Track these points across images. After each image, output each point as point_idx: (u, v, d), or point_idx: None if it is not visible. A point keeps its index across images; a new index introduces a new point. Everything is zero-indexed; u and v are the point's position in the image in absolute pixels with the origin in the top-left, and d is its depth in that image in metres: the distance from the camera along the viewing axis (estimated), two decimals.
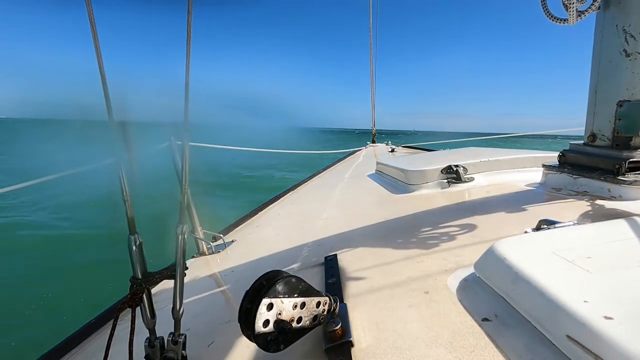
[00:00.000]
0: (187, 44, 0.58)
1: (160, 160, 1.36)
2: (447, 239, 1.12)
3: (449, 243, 1.08)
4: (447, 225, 1.23)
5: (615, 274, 0.62)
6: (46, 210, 6.57)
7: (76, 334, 1.06)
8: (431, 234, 1.18)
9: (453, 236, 1.13)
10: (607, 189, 1.32)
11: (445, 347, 0.61)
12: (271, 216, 2.10)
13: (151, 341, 0.62)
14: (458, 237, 1.12)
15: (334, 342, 0.65)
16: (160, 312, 0.65)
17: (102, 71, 0.53)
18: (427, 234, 1.19)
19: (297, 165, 12.16)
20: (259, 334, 0.53)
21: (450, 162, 1.94)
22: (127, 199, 0.60)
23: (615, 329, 0.47)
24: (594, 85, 1.43)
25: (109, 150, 0.58)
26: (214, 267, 1.43)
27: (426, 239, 1.15)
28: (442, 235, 1.15)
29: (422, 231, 1.23)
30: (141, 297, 0.61)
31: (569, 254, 0.69)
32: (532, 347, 0.56)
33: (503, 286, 0.69)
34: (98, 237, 4.71)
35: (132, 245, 0.60)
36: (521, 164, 2.00)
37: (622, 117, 1.33)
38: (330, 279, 0.95)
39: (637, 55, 1.27)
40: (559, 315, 0.54)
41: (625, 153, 1.31)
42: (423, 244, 1.10)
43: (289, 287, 0.57)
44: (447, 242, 1.09)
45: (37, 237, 5.45)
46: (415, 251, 1.06)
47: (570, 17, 1.32)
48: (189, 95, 0.59)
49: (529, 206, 1.34)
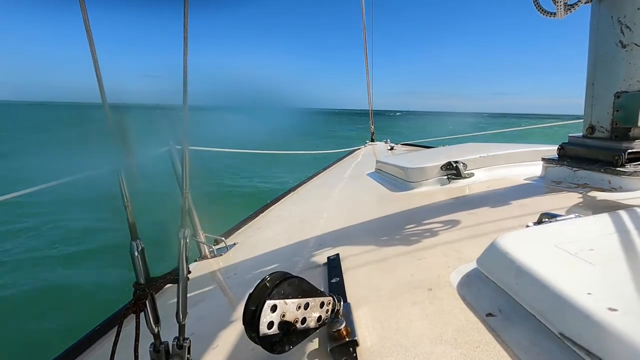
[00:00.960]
0: (184, 46, 0.57)
1: (161, 164, 1.36)
2: (449, 235, 1.12)
3: (450, 239, 1.08)
4: (448, 222, 1.23)
5: (618, 265, 0.61)
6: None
7: (80, 342, 1.06)
8: (432, 231, 1.18)
9: (454, 232, 1.13)
10: (608, 181, 1.32)
11: (450, 344, 0.61)
12: (272, 218, 2.10)
13: (156, 346, 0.62)
14: (459, 233, 1.12)
15: (338, 342, 0.65)
16: (164, 317, 0.65)
17: (99, 77, 0.53)
18: (428, 231, 1.19)
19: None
20: (263, 336, 0.53)
21: (449, 158, 1.94)
22: (127, 204, 0.60)
23: (619, 320, 0.47)
24: (591, 77, 1.43)
25: (109, 156, 0.58)
26: (216, 270, 1.43)
27: (428, 236, 1.15)
28: (443, 232, 1.15)
29: (423, 228, 1.23)
30: (145, 302, 0.61)
31: (571, 247, 0.69)
32: (537, 341, 0.56)
33: (506, 281, 0.69)
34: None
35: (134, 250, 0.60)
36: (520, 158, 2.00)
37: (620, 108, 1.33)
38: (333, 278, 0.95)
39: (633, 46, 1.27)
40: (563, 308, 0.54)
41: (624, 144, 1.31)
42: (425, 241, 1.10)
43: (292, 288, 0.57)
44: (448, 238, 1.09)
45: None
46: (417, 248, 1.05)
47: (558, 10, 1.32)
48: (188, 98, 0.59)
49: (529, 200, 1.34)
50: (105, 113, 0.54)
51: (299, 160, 10.26)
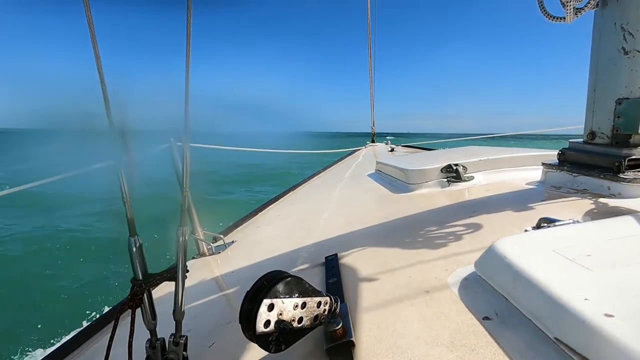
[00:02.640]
0: (187, 46, 0.58)
1: (161, 161, 1.36)
2: (448, 238, 1.12)
3: (449, 242, 1.08)
4: (448, 224, 1.23)
5: (616, 271, 0.62)
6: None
7: (76, 336, 1.06)
8: (431, 233, 1.18)
9: (453, 235, 1.13)
10: (607, 187, 1.32)
11: (446, 347, 0.61)
12: (271, 216, 2.10)
13: (152, 342, 0.62)
14: (458, 236, 1.12)
15: (335, 342, 0.65)
16: (161, 314, 0.65)
17: (101, 74, 0.53)
18: (427, 233, 1.19)
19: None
20: (260, 335, 0.53)
21: (450, 161, 1.94)
22: (127, 200, 0.60)
23: (616, 326, 0.47)
24: (593, 83, 1.43)
25: (108, 153, 0.58)
26: (214, 268, 1.43)
27: (426, 238, 1.15)
28: (442, 235, 1.15)
29: (422, 230, 1.23)
30: (141, 298, 0.61)
31: (570, 252, 0.69)
32: (534, 346, 0.56)
33: (504, 285, 0.69)
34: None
35: (133, 246, 0.60)
36: (521, 163, 2.00)
37: (621, 114, 1.33)
38: (331, 278, 0.95)
39: (635, 53, 1.27)
40: (560, 313, 0.54)
41: (624, 151, 1.31)
42: (423, 243, 1.10)
43: (289, 288, 0.57)
44: (447, 241, 1.09)
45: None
46: (416, 250, 1.06)
47: (568, 14, 1.32)
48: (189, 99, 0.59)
49: (529, 204, 1.34)
50: (106, 111, 0.54)
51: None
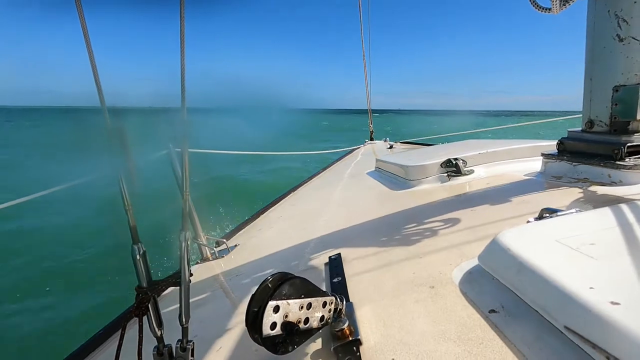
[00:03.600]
0: (181, 49, 0.58)
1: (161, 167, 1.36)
2: (450, 232, 1.11)
3: (451, 236, 1.08)
4: (449, 219, 1.23)
5: (620, 259, 0.61)
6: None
7: (84, 346, 1.06)
8: (433, 229, 1.18)
9: (455, 229, 1.13)
10: (607, 175, 1.32)
11: (453, 341, 0.61)
12: (273, 218, 2.10)
13: (159, 349, 0.62)
14: (460, 230, 1.12)
15: (342, 341, 0.65)
16: (167, 320, 0.65)
17: (97, 80, 0.53)
18: (429, 229, 1.19)
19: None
20: (266, 337, 0.53)
21: (449, 155, 1.94)
22: (128, 208, 0.60)
23: (622, 314, 0.47)
24: (589, 71, 1.43)
25: (108, 160, 0.58)
26: (218, 272, 1.43)
27: (429, 233, 1.15)
28: (444, 229, 1.15)
29: (424, 226, 1.23)
30: (147, 306, 0.61)
31: (573, 242, 0.69)
32: (541, 337, 0.56)
33: (508, 277, 0.69)
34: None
35: (136, 254, 0.60)
36: (520, 154, 2.00)
37: (619, 102, 1.33)
38: (335, 278, 0.95)
39: (630, 40, 1.27)
40: (566, 302, 0.54)
41: (623, 138, 1.31)
42: (426, 239, 1.10)
43: (294, 289, 0.57)
44: (449, 235, 1.09)
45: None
46: (419, 246, 1.05)
47: (554, 5, 1.31)
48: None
49: (530, 196, 1.34)
50: (104, 117, 0.54)
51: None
